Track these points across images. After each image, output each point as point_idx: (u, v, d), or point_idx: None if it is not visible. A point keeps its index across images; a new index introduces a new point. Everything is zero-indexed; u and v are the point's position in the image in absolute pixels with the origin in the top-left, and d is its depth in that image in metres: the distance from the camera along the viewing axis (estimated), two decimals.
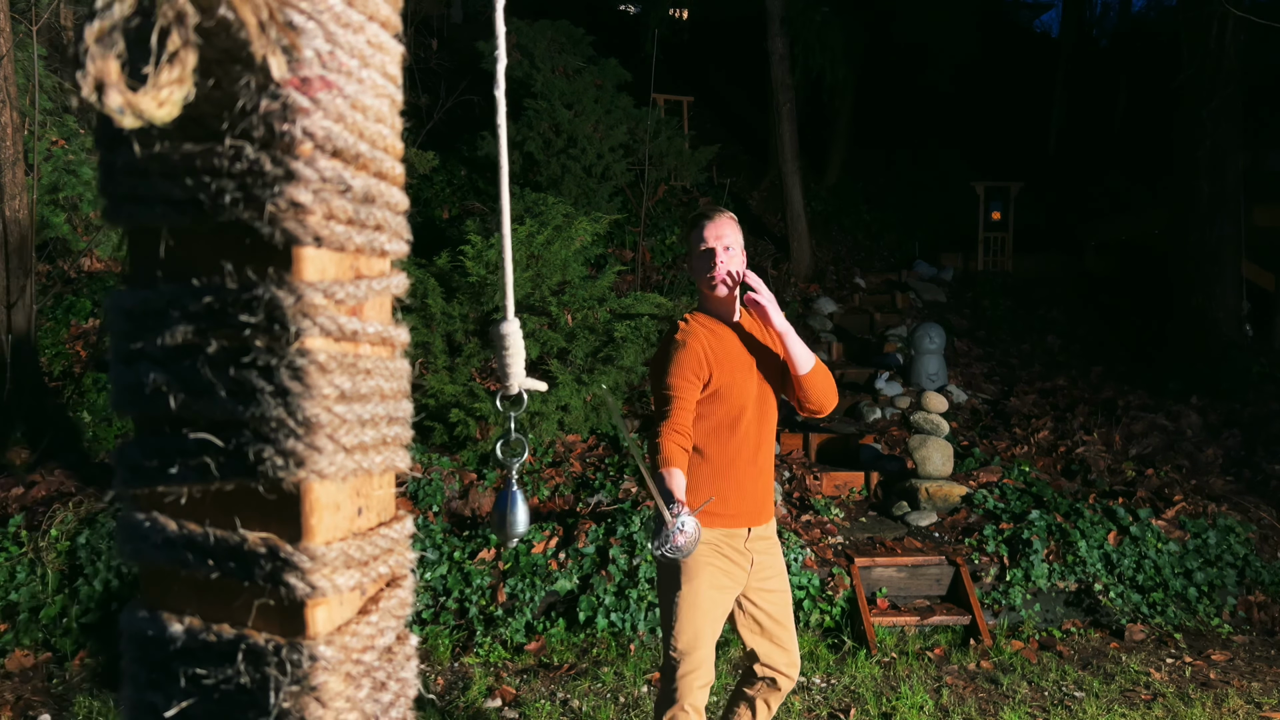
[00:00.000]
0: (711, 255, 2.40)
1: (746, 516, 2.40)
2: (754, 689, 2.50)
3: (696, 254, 2.43)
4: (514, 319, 0.88)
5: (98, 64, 0.37)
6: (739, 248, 2.44)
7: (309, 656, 0.50)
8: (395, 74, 0.52)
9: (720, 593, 2.35)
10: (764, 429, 2.45)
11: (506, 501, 1.14)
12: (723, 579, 2.36)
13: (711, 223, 2.42)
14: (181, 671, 0.51)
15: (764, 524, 2.45)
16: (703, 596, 2.31)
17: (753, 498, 2.42)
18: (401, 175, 0.54)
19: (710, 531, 2.33)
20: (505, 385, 0.92)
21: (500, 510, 1.15)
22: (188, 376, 0.47)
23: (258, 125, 0.44)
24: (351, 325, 0.50)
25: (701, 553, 2.32)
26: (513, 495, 1.14)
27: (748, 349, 2.44)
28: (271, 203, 0.45)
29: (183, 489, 0.50)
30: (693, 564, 2.32)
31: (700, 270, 2.43)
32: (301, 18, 0.43)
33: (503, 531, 1.15)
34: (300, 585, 0.49)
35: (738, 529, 2.39)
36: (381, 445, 0.55)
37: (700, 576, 2.32)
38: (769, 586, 2.45)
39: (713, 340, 2.38)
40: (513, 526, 1.15)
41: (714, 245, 2.40)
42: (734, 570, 2.38)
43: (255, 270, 0.47)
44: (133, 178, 0.46)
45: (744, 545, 2.39)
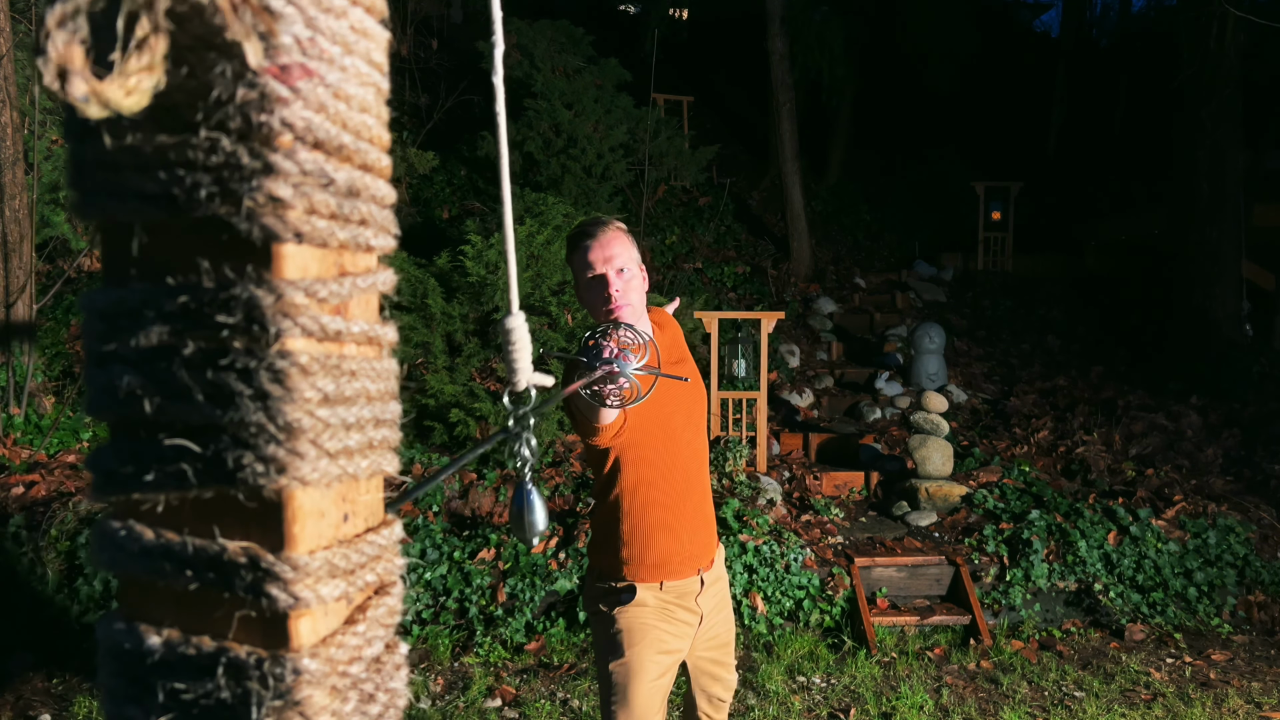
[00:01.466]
0: (603, 284, 1.98)
1: (698, 556, 2.11)
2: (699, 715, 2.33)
3: (583, 282, 2.02)
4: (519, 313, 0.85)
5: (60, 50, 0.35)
6: (634, 263, 2.02)
7: (292, 670, 0.48)
8: (381, 61, 0.50)
9: (666, 656, 2.06)
10: (699, 448, 2.15)
11: (523, 501, 1.11)
12: (671, 642, 2.07)
13: (596, 243, 1.99)
14: (160, 685, 0.49)
15: (713, 565, 2.17)
16: (648, 665, 2.01)
17: (701, 530, 2.13)
18: (388, 167, 0.52)
19: (660, 594, 2.05)
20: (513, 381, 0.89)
21: (517, 510, 1.12)
22: (163, 379, 0.45)
23: (234, 116, 0.42)
24: (335, 325, 0.48)
25: (645, 616, 2.03)
26: (528, 494, 1.11)
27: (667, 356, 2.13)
28: (249, 197, 0.43)
29: (159, 496, 0.48)
30: (636, 628, 2.02)
31: (594, 304, 2.01)
32: (280, 2, 0.41)
33: (522, 532, 1.12)
34: (283, 596, 0.47)
35: (690, 579, 2.09)
36: (368, 449, 0.53)
37: (644, 642, 2.01)
38: (715, 632, 2.20)
39: None
40: (531, 527, 1.11)
41: (603, 270, 1.98)
42: (683, 631, 2.10)
43: (233, 268, 0.45)
44: (104, 171, 0.44)
45: (695, 602, 2.10)
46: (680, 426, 2.08)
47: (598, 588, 2.10)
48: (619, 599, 2.04)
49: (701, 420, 2.18)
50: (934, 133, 11.53)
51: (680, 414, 2.09)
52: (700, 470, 2.16)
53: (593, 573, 2.15)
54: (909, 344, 7.04)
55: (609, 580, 2.08)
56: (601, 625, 2.07)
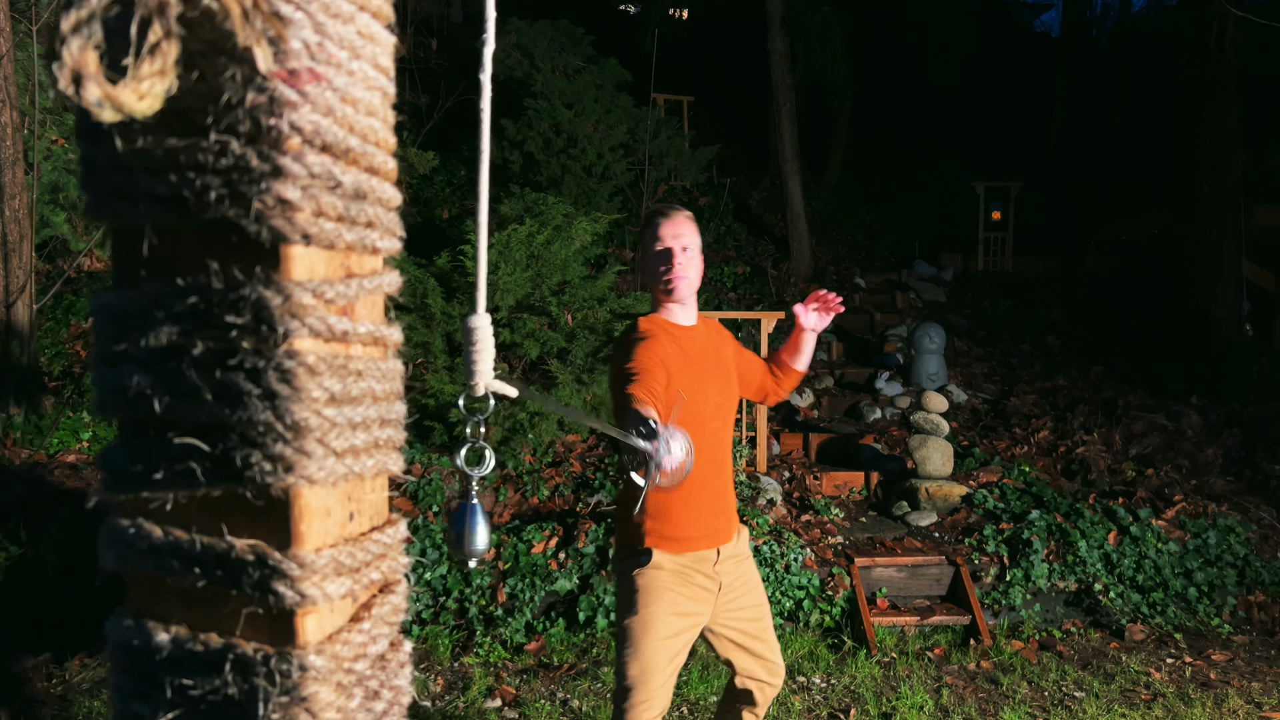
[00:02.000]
0: (669, 256, 2.22)
1: (716, 534, 2.25)
2: (738, 699, 2.42)
3: (651, 254, 2.25)
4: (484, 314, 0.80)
5: (75, 55, 0.36)
6: (697, 248, 2.27)
7: (299, 666, 0.49)
8: (387, 66, 0.50)
9: (681, 619, 2.18)
10: (724, 438, 2.29)
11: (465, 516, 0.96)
12: (687, 605, 2.19)
13: (668, 220, 2.25)
14: (168, 681, 0.49)
15: (732, 541, 2.30)
16: (660, 623, 2.14)
17: (722, 514, 2.27)
18: (394, 170, 0.52)
19: (679, 559, 2.19)
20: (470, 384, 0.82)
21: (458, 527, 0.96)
22: (173, 379, 0.46)
23: (244, 119, 0.42)
24: (342, 325, 0.49)
25: (662, 578, 2.17)
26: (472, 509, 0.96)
27: (706, 355, 2.28)
28: (258, 199, 0.43)
29: (168, 495, 0.48)
30: (653, 588, 2.16)
31: (654, 272, 2.24)
32: (289, 8, 0.41)
33: (459, 550, 0.96)
34: (289, 593, 0.48)
35: (707, 551, 2.23)
36: (373, 448, 0.54)
37: (659, 602, 2.15)
38: (740, 605, 2.31)
39: (672, 345, 2.20)
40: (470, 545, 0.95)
41: (671, 244, 2.22)
42: (701, 596, 2.22)
43: (242, 269, 0.45)
44: (115, 173, 0.44)
45: (713, 569, 2.24)
46: (710, 415, 2.23)
47: (621, 554, 2.25)
48: (638, 561, 2.19)
49: (731, 413, 2.33)
50: (934, 133, 11.53)
51: (711, 403, 2.24)
52: (725, 459, 2.30)
53: (619, 541, 2.30)
54: (909, 344, 7.04)
55: (632, 542, 2.22)
56: (621, 586, 2.23)
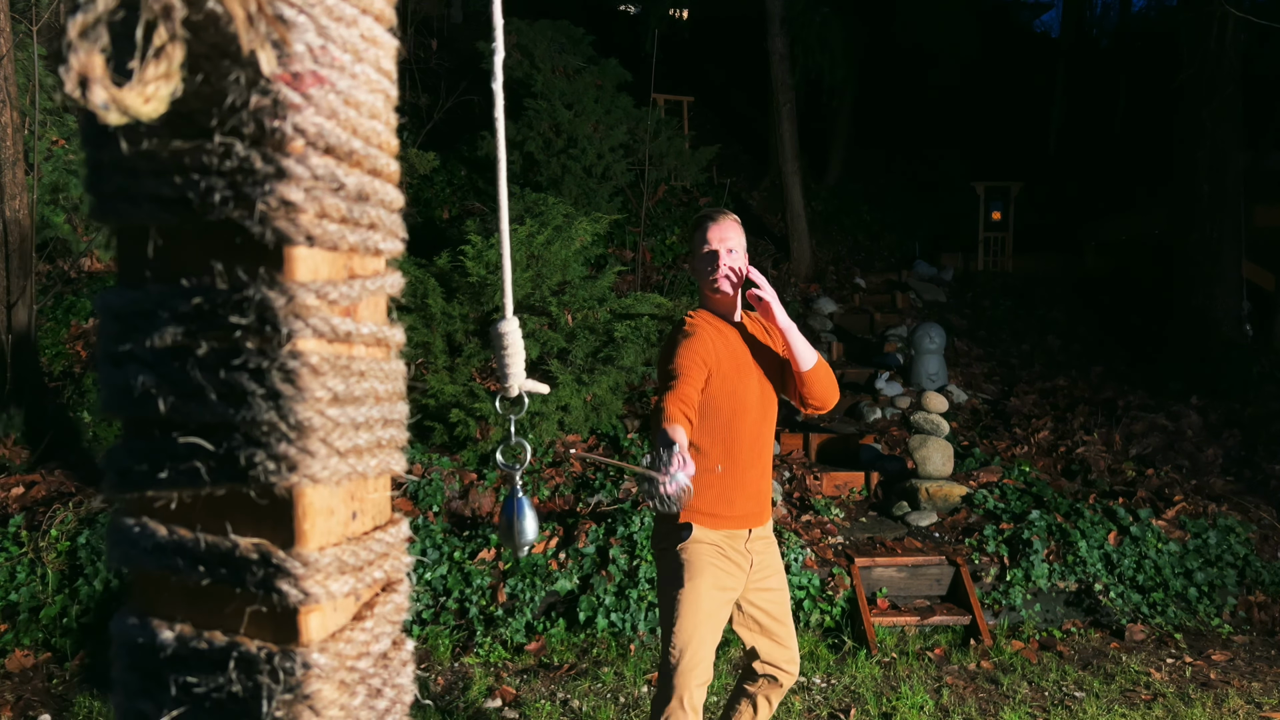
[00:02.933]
0: (715, 256, 2.42)
1: (749, 518, 2.41)
2: (755, 686, 2.51)
3: (699, 255, 2.46)
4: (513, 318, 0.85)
5: (81, 59, 0.36)
6: (741, 250, 2.46)
7: (302, 664, 0.49)
8: (390, 69, 0.51)
9: (722, 593, 2.35)
10: (765, 430, 2.46)
11: (513, 509, 1.08)
12: (725, 579, 2.36)
13: (715, 224, 2.44)
14: (172, 679, 0.50)
15: (763, 525, 2.47)
16: (704, 596, 2.31)
17: (755, 499, 2.43)
18: (397, 172, 0.53)
19: (714, 533, 2.35)
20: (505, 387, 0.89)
21: (507, 518, 1.09)
22: (177, 379, 0.46)
23: (248, 122, 0.43)
24: (345, 326, 0.49)
25: (704, 552, 2.33)
26: (519, 503, 1.08)
27: (750, 349, 2.45)
28: (262, 201, 0.44)
29: (173, 493, 0.49)
30: (696, 562, 2.32)
31: (702, 271, 2.45)
32: (292, 11, 0.41)
33: (510, 540, 1.09)
34: (293, 592, 0.48)
35: (740, 530, 2.40)
36: (376, 448, 0.54)
37: (703, 576, 2.32)
38: (767, 585, 2.46)
39: (717, 338, 2.39)
40: (521, 535, 1.08)
41: (717, 247, 2.42)
42: (735, 571, 2.39)
43: (246, 270, 0.46)
44: (120, 175, 0.44)
45: (744, 546, 2.41)
46: (752, 405, 2.40)
47: (662, 529, 2.41)
48: (679, 535, 2.35)
49: (773, 406, 2.48)
50: (934, 133, 11.53)
51: (754, 394, 2.41)
52: (764, 450, 2.45)
53: (658, 519, 2.44)
54: (909, 344, 7.04)
55: (673, 523, 2.36)
56: (665, 560, 2.38)
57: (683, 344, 2.32)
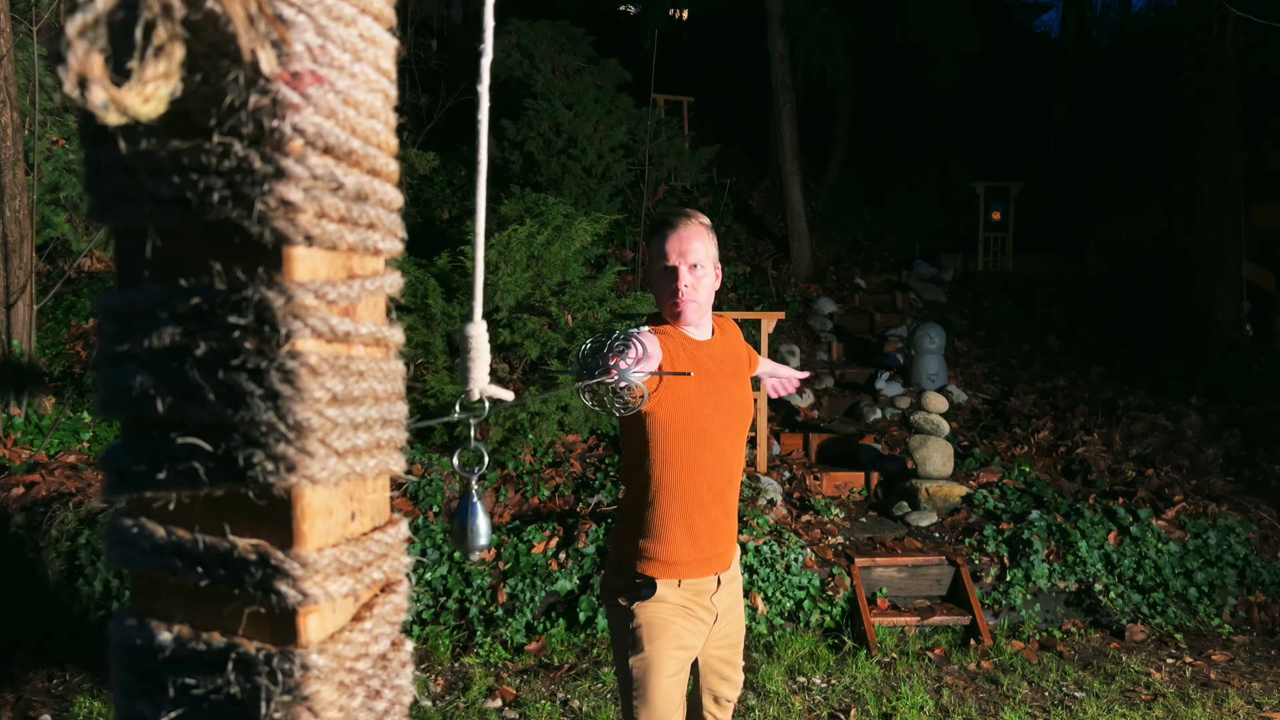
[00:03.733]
0: (674, 277, 2.02)
1: (716, 561, 2.11)
2: (700, 709, 2.36)
3: (656, 269, 2.06)
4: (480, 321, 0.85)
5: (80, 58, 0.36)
6: (709, 263, 2.05)
7: (301, 665, 0.49)
8: (389, 68, 0.50)
9: (684, 652, 2.08)
10: (732, 463, 2.13)
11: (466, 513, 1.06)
12: (687, 638, 2.08)
13: (675, 235, 2.02)
14: (170, 681, 0.50)
15: (729, 567, 2.18)
16: (668, 657, 2.02)
17: (722, 539, 2.12)
18: (396, 172, 0.52)
19: (678, 591, 2.06)
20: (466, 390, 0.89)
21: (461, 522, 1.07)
22: (176, 379, 0.46)
23: (247, 121, 0.43)
24: (344, 326, 0.49)
25: (665, 611, 2.04)
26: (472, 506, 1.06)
27: (722, 371, 2.11)
28: (261, 201, 0.44)
29: (171, 494, 0.48)
30: (656, 623, 2.03)
31: (660, 291, 2.06)
32: (291, 11, 0.41)
33: (463, 544, 1.07)
34: (291, 593, 0.48)
35: (707, 578, 2.10)
36: (375, 449, 0.54)
37: (663, 637, 2.03)
38: (726, 632, 2.23)
39: (684, 355, 2.03)
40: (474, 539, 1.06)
41: (677, 264, 2.01)
42: (699, 629, 2.11)
43: (245, 270, 0.46)
44: (119, 175, 0.44)
45: (711, 600, 2.12)
46: (717, 434, 2.06)
47: (618, 580, 2.10)
48: (638, 594, 2.05)
49: (742, 433, 2.16)
50: (934, 133, 11.53)
51: (719, 421, 2.06)
52: (730, 481, 2.13)
53: (612, 564, 2.14)
54: (909, 344, 7.04)
55: (629, 573, 2.07)
56: (620, 619, 2.07)
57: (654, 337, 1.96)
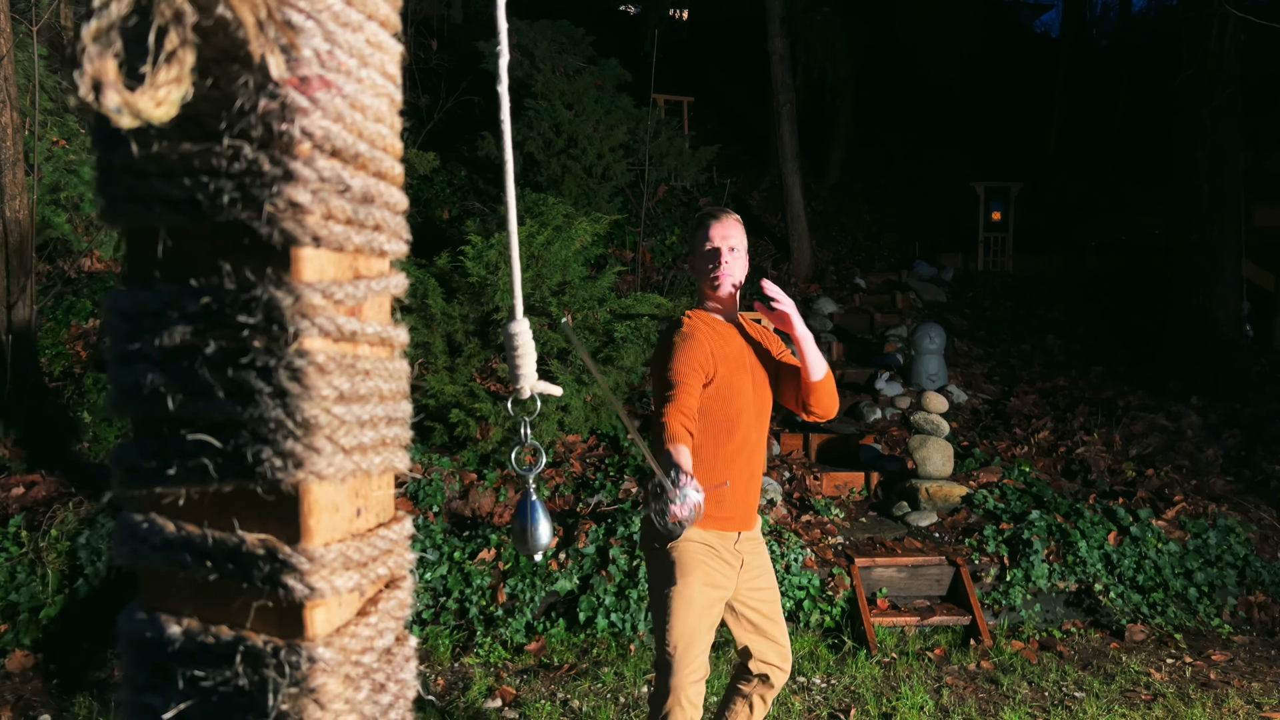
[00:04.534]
0: (716, 255, 2.42)
1: (739, 521, 2.40)
2: (749, 685, 2.52)
3: (700, 253, 2.45)
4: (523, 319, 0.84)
5: (95, 63, 0.37)
6: (743, 249, 2.46)
7: (308, 658, 0.50)
8: (394, 73, 0.51)
9: (714, 590, 2.35)
10: (759, 432, 2.44)
11: (526, 513, 1.08)
12: (716, 577, 2.36)
13: (718, 223, 2.44)
14: (180, 673, 0.51)
15: (752, 529, 2.46)
16: (697, 593, 2.31)
17: (745, 502, 2.42)
18: (401, 175, 0.53)
19: (704, 533, 2.34)
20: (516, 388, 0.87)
21: (520, 523, 1.08)
22: (186, 377, 0.47)
23: (256, 125, 0.44)
24: (350, 326, 0.50)
25: (695, 550, 2.32)
26: (532, 506, 1.08)
27: (747, 352, 2.44)
28: (270, 203, 0.45)
29: (181, 490, 0.49)
30: (687, 560, 2.31)
31: (703, 269, 2.45)
32: (300, 16, 0.42)
33: (524, 545, 1.09)
34: (299, 587, 0.49)
35: (729, 532, 2.39)
36: (380, 446, 0.55)
37: (694, 573, 2.32)
38: (758, 585, 2.46)
39: (715, 338, 2.38)
40: (535, 540, 1.08)
41: (719, 245, 2.42)
42: (727, 570, 2.38)
43: (253, 271, 0.47)
44: (130, 177, 0.45)
45: (734, 547, 2.40)
46: (743, 407, 2.37)
47: (651, 528, 2.36)
48: (670, 534, 2.28)
49: (766, 411, 2.47)
50: (934, 133, 11.54)
51: (746, 396, 2.38)
52: (755, 454, 2.43)
53: (647, 519, 2.38)
54: (909, 344, 7.05)
55: None
56: (655, 559, 2.37)
57: (680, 349, 2.30)
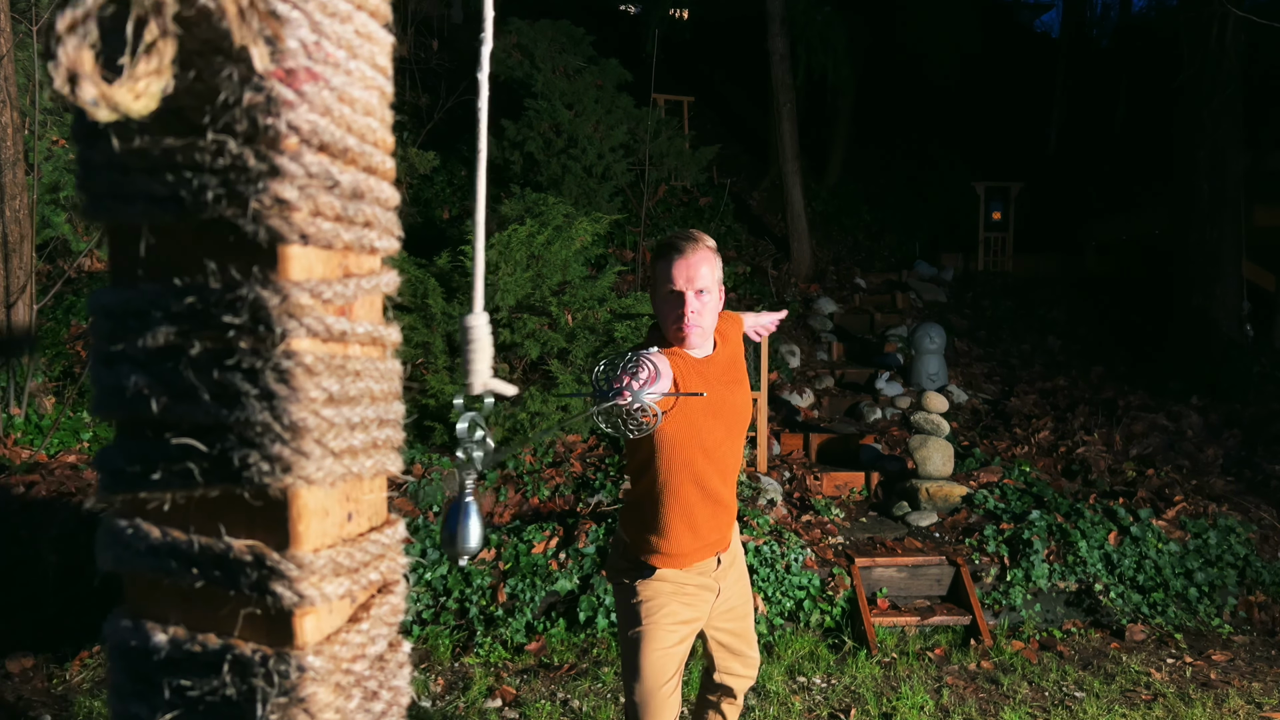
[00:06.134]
0: (680, 303, 2.03)
1: (716, 545, 2.24)
2: (715, 695, 2.47)
3: (661, 295, 2.07)
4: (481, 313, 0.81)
5: (70, 55, 0.36)
6: (714, 287, 2.08)
7: (297, 667, 0.48)
8: (385, 65, 0.50)
9: (685, 626, 2.20)
10: (732, 464, 2.23)
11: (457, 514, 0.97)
12: (687, 612, 2.20)
13: (682, 259, 2.02)
14: (166, 682, 0.49)
15: (728, 547, 2.31)
16: (665, 630, 2.15)
17: (720, 528, 2.24)
18: (392, 170, 0.52)
19: (681, 574, 2.18)
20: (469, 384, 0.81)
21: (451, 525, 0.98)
22: (170, 379, 0.46)
23: (241, 119, 0.42)
24: (340, 325, 0.49)
25: (664, 590, 2.16)
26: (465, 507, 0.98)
27: (725, 380, 2.19)
28: (255, 199, 0.43)
29: (166, 495, 0.48)
30: (655, 599, 2.16)
31: (665, 314, 2.08)
32: (286, 6, 0.41)
33: (451, 548, 0.98)
34: (287, 594, 0.48)
35: (708, 560, 2.23)
36: (372, 449, 0.53)
37: (664, 609, 2.17)
38: (732, 605, 2.33)
39: (693, 374, 2.07)
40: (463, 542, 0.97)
41: (683, 289, 2.03)
42: (699, 604, 2.23)
43: (239, 269, 0.45)
44: (112, 173, 0.44)
45: (714, 574, 2.24)
46: (720, 441, 2.14)
47: (622, 561, 2.24)
48: (640, 572, 2.19)
49: (742, 435, 2.24)
50: (934, 133, 11.53)
51: (722, 429, 2.14)
52: (730, 476, 2.24)
53: (618, 545, 2.28)
54: (909, 344, 7.04)
55: (633, 558, 2.21)
56: (623, 594, 2.22)
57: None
